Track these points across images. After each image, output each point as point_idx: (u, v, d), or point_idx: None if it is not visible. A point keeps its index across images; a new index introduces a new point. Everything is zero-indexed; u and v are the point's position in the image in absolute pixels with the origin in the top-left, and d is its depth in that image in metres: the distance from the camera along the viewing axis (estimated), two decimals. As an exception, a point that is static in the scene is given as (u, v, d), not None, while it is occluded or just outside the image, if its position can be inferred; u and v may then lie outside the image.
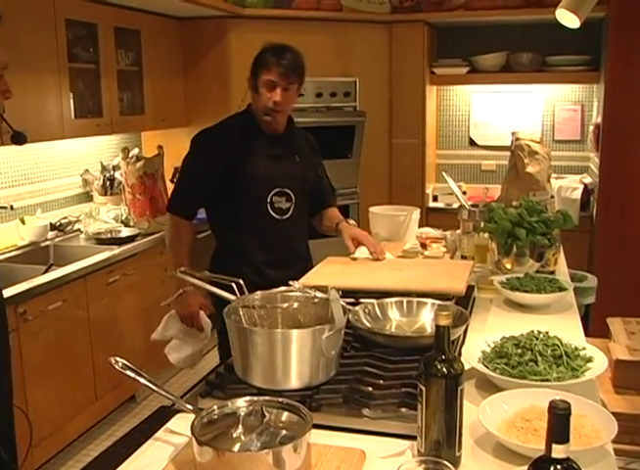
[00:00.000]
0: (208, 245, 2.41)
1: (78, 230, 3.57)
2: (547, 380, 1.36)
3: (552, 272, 2.29)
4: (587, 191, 4.37)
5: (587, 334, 1.81)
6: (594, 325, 3.23)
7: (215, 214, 2.32)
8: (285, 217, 2.27)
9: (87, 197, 3.93)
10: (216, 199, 2.25)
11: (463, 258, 2.51)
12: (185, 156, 2.29)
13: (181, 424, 1.28)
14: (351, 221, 2.54)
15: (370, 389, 1.36)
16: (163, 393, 1.28)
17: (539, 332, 1.54)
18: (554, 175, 4.14)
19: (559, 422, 0.88)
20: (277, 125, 2.26)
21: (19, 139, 1.96)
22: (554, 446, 0.88)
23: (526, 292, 2.00)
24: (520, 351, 1.46)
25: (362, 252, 2.31)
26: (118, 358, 1.29)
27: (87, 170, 3.90)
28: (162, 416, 1.34)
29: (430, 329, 1.67)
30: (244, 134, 2.24)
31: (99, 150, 4.04)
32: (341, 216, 2.49)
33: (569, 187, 4.38)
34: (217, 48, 4.12)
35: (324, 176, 2.50)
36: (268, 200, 2.23)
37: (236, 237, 2.27)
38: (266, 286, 1.94)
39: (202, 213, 2.34)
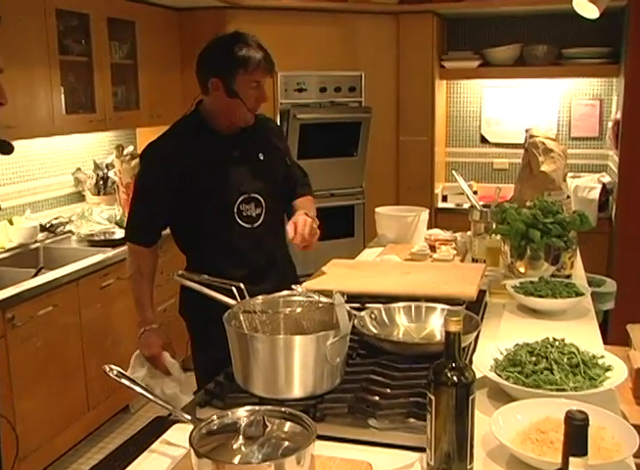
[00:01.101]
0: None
1: (70, 232, 3.58)
2: (563, 390, 1.36)
3: (568, 276, 2.29)
4: (605, 191, 4.36)
5: (606, 341, 1.81)
6: (613, 332, 3.23)
7: (180, 233, 2.16)
8: (256, 225, 2.10)
9: (79, 197, 3.94)
10: (178, 216, 2.10)
11: (474, 261, 2.51)
12: (136, 175, 2.19)
13: (178, 435, 1.29)
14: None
15: (377, 398, 1.37)
16: (160, 402, 1.28)
17: (555, 339, 1.54)
18: (570, 174, 4.15)
19: (576, 434, 0.88)
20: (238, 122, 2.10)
21: (4, 148, 1.89)
22: (571, 459, 0.88)
23: (541, 297, 2.00)
24: (534, 358, 1.46)
25: (393, 256, 2.38)
26: (113, 366, 1.30)
27: (79, 169, 3.92)
28: (158, 427, 1.35)
29: (439, 336, 1.67)
30: (198, 139, 2.08)
31: (92, 147, 4.05)
32: (308, 207, 2.22)
33: (586, 187, 4.38)
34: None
35: (293, 163, 2.32)
36: (235, 209, 2.07)
37: (205, 254, 2.11)
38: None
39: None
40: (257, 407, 1.18)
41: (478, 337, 1.70)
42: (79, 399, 3.08)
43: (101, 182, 3.88)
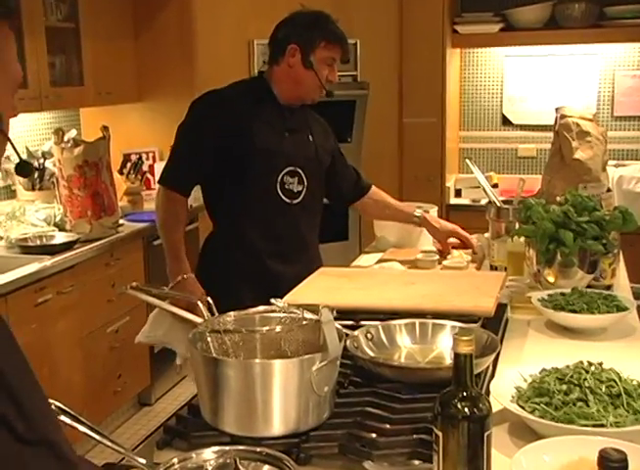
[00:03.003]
0: (193, 240, 2.47)
1: (-2, 235, 3.57)
2: (601, 425, 1.37)
3: (608, 287, 2.31)
4: (655, 182, 4.40)
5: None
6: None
7: (214, 194, 2.49)
8: (295, 202, 2.46)
9: (9, 192, 3.93)
10: (218, 174, 2.42)
11: (492, 268, 2.53)
12: (182, 121, 2.46)
13: (132, 483, 1.29)
14: (424, 208, 2.79)
15: (373, 435, 1.38)
16: (109, 444, 1.28)
17: (590, 363, 1.55)
18: (612, 162, 4.17)
19: (612, 477, 0.89)
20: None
21: (24, 171, 1.83)
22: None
23: (574, 312, 2.02)
24: (565, 387, 1.47)
25: (394, 264, 2.48)
26: (51, 400, 1.30)
27: (8, 158, 3.91)
28: (108, 474, 1.35)
29: (448, 359, 1.68)
30: (256, 101, 2.43)
31: (24, 131, 4.04)
32: (399, 203, 2.85)
33: (632, 177, 4.41)
34: (178, 0, 4.15)
35: (346, 161, 2.75)
36: (279, 179, 2.42)
37: (237, 221, 2.45)
38: (267, 279, 2.29)
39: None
40: (228, 448, 1.19)
41: (496, 361, 1.72)
42: (10, 441, 3.07)
43: (36, 174, 3.87)
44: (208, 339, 1.49)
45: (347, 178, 2.73)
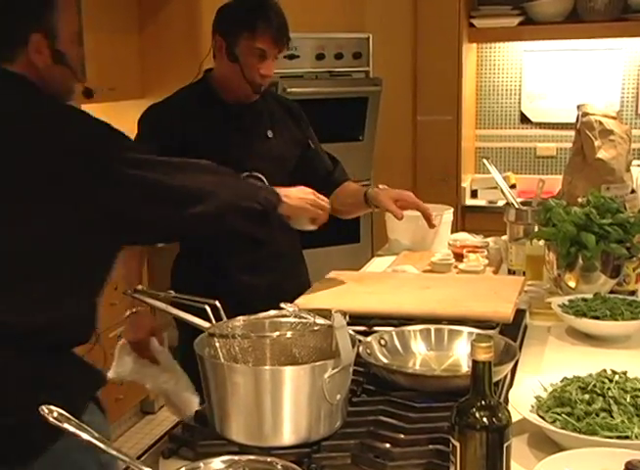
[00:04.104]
0: (170, 257, 2.44)
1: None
2: (626, 437, 1.37)
3: (633, 293, 2.31)
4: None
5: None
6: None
7: None
8: None
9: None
10: None
11: (511, 272, 2.53)
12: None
13: (137, 494, 1.30)
14: (382, 186, 2.56)
15: (387, 445, 1.38)
16: (114, 452, 1.29)
17: (614, 372, 1.55)
18: (636, 162, 4.15)
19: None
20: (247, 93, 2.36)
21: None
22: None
23: (597, 318, 2.02)
24: (588, 397, 1.47)
25: (408, 267, 2.44)
26: (53, 407, 1.31)
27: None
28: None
29: (465, 367, 1.68)
30: (202, 108, 2.33)
31: (24, 129, 4.06)
32: (362, 188, 2.56)
33: (655, 179, 4.40)
34: (184, -7, 4.15)
35: (320, 151, 2.59)
36: None
37: (199, 239, 2.31)
38: (240, 295, 2.11)
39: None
40: (237, 457, 1.20)
41: (515, 369, 1.72)
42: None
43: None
44: (217, 344, 1.49)
45: (317, 171, 2.55)
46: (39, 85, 1.60)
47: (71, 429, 1.29)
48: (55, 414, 1.31)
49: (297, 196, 2.03)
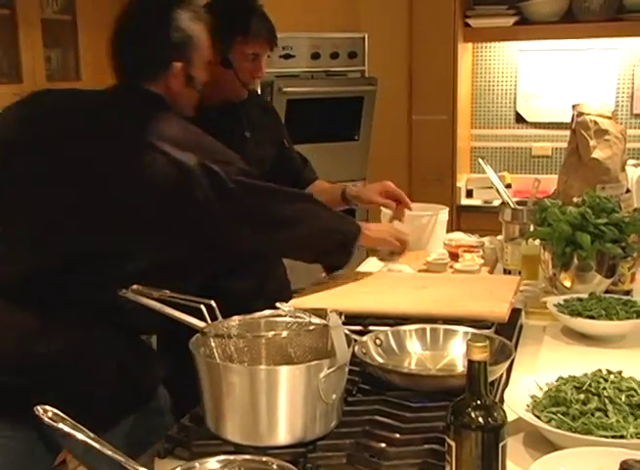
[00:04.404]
0: None
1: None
2: (621, 436, 1.37)
3: (627, 292, 2.31)
4: (676, 184, 4.39)
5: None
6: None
7: None
8: None
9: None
10: None
11: (506, 272, 2.53)
12: None
13: (132, 494, 1.29)
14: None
15: (383, 445, 1.38)
16: (109, 453, 1.29)
17: (609, 372, 1.55)
18: (631, 162, 4.15)
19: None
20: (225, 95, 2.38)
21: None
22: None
23: (592, 318, 2.02)
24: (583, 396, 1.47)
25: (404, 267, 2.42)
26: (48, 407, 1.30)
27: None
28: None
29: (461, 366, 1.68)
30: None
31: (19, 128, 4.04)
32: (336, 186, 2.64)
33: (651, 178, 4.40)
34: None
35: (292, 150, 2.65)
36: None
37: None
38: (223, 299, 2.06)
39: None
40: (232, 457, 1.20)
41: (510, 368, 1.72)
42: None
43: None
44: (212, 344, 1.49)
45: (290, 170, 2.60)
46: (171, 104, 1.91)
47: (66, 429, 1.28)
48: (49, 414, 1.30)
49: (376, 229, 2.21)
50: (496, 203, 3.98)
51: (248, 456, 1.21)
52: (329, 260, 2.17)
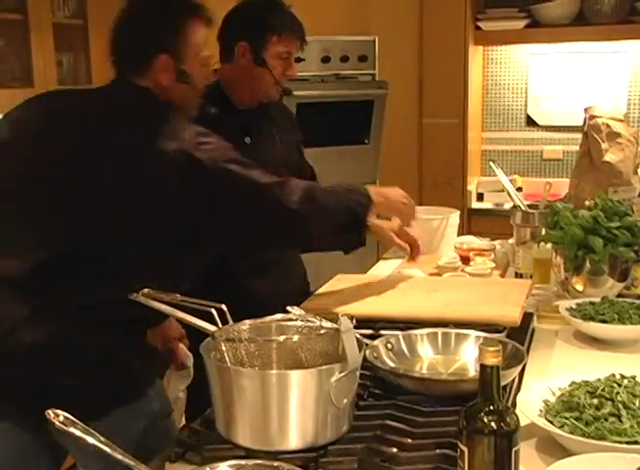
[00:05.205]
0: None
1: None
2: (636, 442, 1.36)
3: (640, 296, 2.31)
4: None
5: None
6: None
7: None
8: None
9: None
10: None
11: (518, 275, 2.53)
12: None
13: (142, 498, 1.29)
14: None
15: (394, 450, 1.38)
16: (120, 457, 1.28)
17: (623, 376, 1.55)
18: (643, 165, 4.16)
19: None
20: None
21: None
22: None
23: (605, 322, 2.01)
24: (596, 401, 1.46)
25: (415, 270, 2.42)
26: (59, 411, 1.30)
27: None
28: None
29: (473, 371, 1.68)
30: (215, 112, 2.35)
31: (30, 132, 4.06)
32: None
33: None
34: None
35: (304, 158, 2.68)
36: None
37: None
38: (241, 298, 2.07)
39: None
40: (244, 462, 1.19)
41: (523, 373, 1.72)
42: None
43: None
44: (223, 348, 1.49)
45: (302, 176, 2.57)
46: (162, 99, 1.86)
47: (78, 433, 1.28)
48: (61, 418, 1.30)
49: (387, 195, 2.15)
50: (507, 206, 3.98)
51: (259, 461, 1.20)
52: (344, 243, 2.12)
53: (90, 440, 1.28)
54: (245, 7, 2.39)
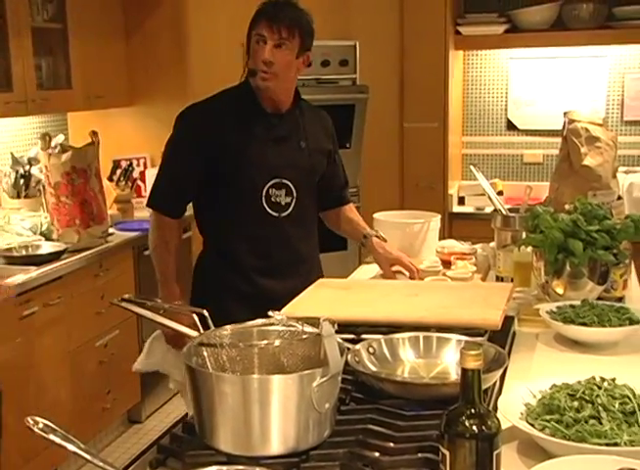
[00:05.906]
0: (186, 251, 2.49)
1: (-19, 245, 3.57)
2: (615, 444, 1.37)
3: (620, 299, 2.32)
4: (667, 190, 4.40)
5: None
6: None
7: (203, 211, 2.51)
8: (283, 215, 2.44)
9: (-7, 200, 3.93)
10: (206, 191, 2.43)
11: (498, 279, 2.53)
12: (169, 137, 2.46)
13: (123, 505, 1.29)
14: (380, 233, 2.69)
15: (376, 454, 1.37)
16: (100, 463, 1.28)
17: (603, 379, 1.55)
18: (622, 169, 4.18)
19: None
20: (276, 97, 2.40)
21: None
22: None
23: (585, 325, 2.02)
24: (577, 404, 1.47)
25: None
26: (38, 418, 1.29)
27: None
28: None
29: (454, 374, 1.68)
30: (241, 111, 2.40)
31: (9, 137, 4.04)
32: (362, 222, 2.74)
33: (642, 185, 4.41)
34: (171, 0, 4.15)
35: (340, 166, 2.71)
36: (263, 192, 2.40)
37: (224, 237, 2.47)
38: (259, 297, 2.27)
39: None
40: (225, 468, 1.19)
41: (504, 376, 1.72)
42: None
43: (21, 181, 3.86)
44: (204, 353, 1.49)
45: (333, 185, 2.68)
46: None
47: (57, 440, 1.28)
48: (40, 425, 1.30)
49: None
50: (488, 210, 3.99)
51: (240, 467, 1.20)
52: None
53: (70, 447, 1.28)
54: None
